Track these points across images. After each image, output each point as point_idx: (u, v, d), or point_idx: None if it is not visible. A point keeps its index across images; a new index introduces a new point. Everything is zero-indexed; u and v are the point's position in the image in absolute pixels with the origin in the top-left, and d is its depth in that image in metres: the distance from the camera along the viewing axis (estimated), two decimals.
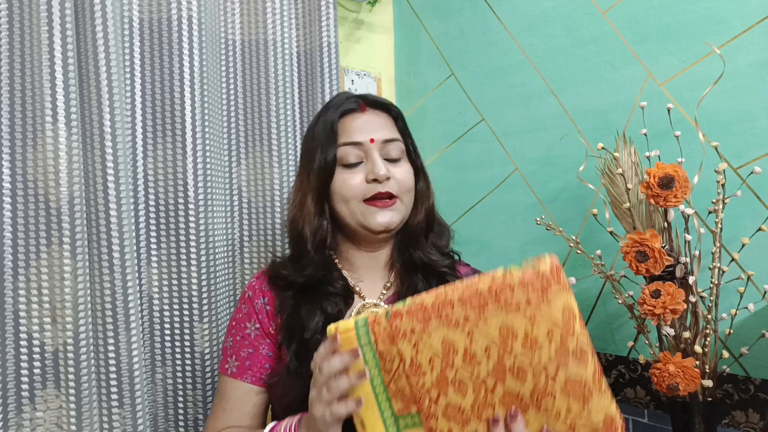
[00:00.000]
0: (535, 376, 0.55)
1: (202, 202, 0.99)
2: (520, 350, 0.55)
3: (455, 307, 0.57)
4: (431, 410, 0.58)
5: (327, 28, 1.17)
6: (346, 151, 0.80)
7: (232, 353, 0.81)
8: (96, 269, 0.86)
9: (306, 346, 0.74)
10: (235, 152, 1.14)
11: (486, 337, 0.56)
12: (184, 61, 0.98)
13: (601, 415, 0.54)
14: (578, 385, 0.54)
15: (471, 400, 0.57)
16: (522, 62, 1.27)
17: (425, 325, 0.58)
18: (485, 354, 0.56)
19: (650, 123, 0.97)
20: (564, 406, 0.55)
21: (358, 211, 0.80)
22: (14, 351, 0.83)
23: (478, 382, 0.57)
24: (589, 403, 0.54)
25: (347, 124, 0.82)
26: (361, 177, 0.80)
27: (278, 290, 0.82)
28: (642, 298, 0.85)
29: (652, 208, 0.90)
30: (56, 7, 0.82)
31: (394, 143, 0.83)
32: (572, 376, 0.54)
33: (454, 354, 0.57)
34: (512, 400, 0.56)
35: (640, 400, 1.10)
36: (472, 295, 0.57)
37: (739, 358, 0.91)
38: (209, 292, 1.00)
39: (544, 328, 0.55)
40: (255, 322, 0.82)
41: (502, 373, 0.56)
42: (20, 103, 0.83)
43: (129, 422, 0.87)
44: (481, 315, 0.56)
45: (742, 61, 0.96)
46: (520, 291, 0.55)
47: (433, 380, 0.58)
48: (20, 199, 0.83)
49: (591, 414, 0.54)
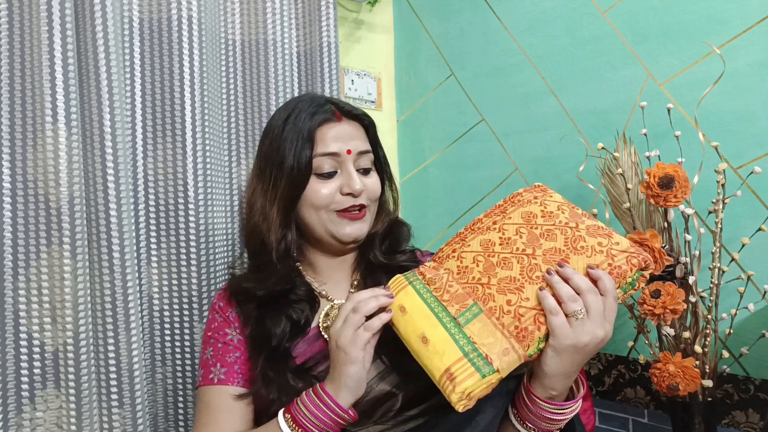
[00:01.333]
0: (562, 232, 0.64)
1: (202, 202, 0.99)
2: (542, 221, 0.66)
3: (483, 220, 0.71)
4: (486, 292, 0.64)
5: (327, 28, 1.17)
6: (322, 161, 0.79)
7: (215, 362, 0.78)
8: (96, 269, 0.86)
9: (275, 354, 0.74)
10: (235, 152, 1.13)
11: (514, 225, 0.68)
12: (184, 61, 0.98)
13: (626, 242, 0.62)
14: (598, 229, 0.64)
15: (518, 269, 0.63)
16: (522, 62, 1.27)
17: (463, 241, 0.70)
18: (517, 234, 0.66)
19: (650, 123, 0.97)
20: (595, 242, 0.62)
21: (328, 220, 0.79)
22: (14, 351, 0.83)
23: (519, 254, 0.64)
24: (612, 236, 0.63)
25: (324, 133, 0.80)
26: (334, 187, 0.79)
27: (241, 304, 0.80)
28: (642, 298, 0.85)
29: (652, 208, 0.90)
30: (56, 7, 0.82)
31: (368, 155, 0.83)
32: (590, 225, 0.64)
33: (492, 245, 0.67)
34: (552, 255, 0.63)
35: (640, 400, 1.10)
36: (494, 208, 0.72)
37: (739, 358, 0.91)
38: (209, 292, 1.00)
39: (554, 206, 0.68)
40: (234, 329, 0.80)
41: (535, 240, 0.65)
42: (20, 103, 0.83)
43: (129, 422, 0.87)
44: (504, 216, 0.69)
45: (742, 61, 0.96)
46: (527, 194, 0.71)
47: (481, 270, 0.66)
48: (20, 199, 0.83)
49: (620, 242, 0.62)
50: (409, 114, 1.53)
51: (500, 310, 0.61)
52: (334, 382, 0.65)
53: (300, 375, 0.74)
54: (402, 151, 1.56)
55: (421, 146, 1.50)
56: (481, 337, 0.60)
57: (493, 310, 0.62)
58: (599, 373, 1.16)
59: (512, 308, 0.61)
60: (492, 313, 0.62)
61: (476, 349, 0.60)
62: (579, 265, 0.61)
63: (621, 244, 0.62)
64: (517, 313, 0.60)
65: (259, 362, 0.74)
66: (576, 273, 0.60)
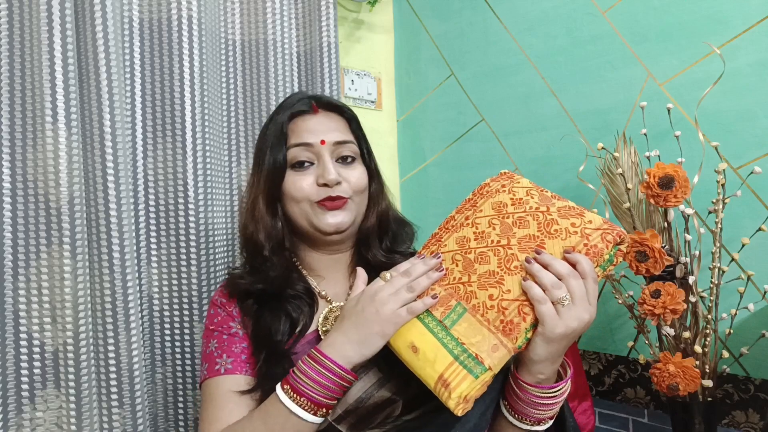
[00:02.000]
0: (534, 217, 0.64)
1: (202, 202, 0.99)
2: (513, 209, 0.66)
3: (456, 217, 0.70)
4: (468, 291, 0.63)
5: (327, 28, 1.17)
6: (297, 153, 0.79)
7: (221, 353, 0.76)
8: (96, 269, 0.86)
9: (276, 351, 0.73)
10: (235, 152, 1.14)
11: (485, 217, 0.67)
12: (184, 61, 0.98)
13: (599, 219, 0.62)
14: (569, 209, 0.64)
15: (496, 261, 0.63)
16: (522, 62, 1.27)
17: (439, 242, 0.69)
18: (490, 227, 0.66)
19: (650, 123, 0.97)
20: (568, 223, 0.62)
21: (309, 211, 0.79)
22: (14, 351, 0.83)
23: (494, 247, 0.64)
24: (584, 215, 0.63)
25: (298, 126, 0.81)
26: (311, 179, 0.78)
27: (240, 300, 0.80)
28: (642, 298, 0.85)
29: (652, 208, 0.90)
30: (56, 7, 0.82)
31: (347, 145, 0.81)
32: (561, 206, 0.64)
33: (468, 242, 0.66)
34: (528, 242, 0.62)
35: (640, 400, 1.10)
36: (464, 204, 0.71)
37: (739, 358, 0.91)
38: (209, 292, 1.00)
39: (523, 192, 0.67)
40: (237, 323, 0.79)
41: (508, 229, 0.64)
42: (20, 103, 0.83)
43: (129, 422, 0.87)
44: (475, 209, 0.69)
45: (742, 61, 0.96)
46: (495, 183, 0.71)
47: (460, 269, 0.65)
48: (20, 199, 0.83)
49: (593, 220, 0.62)
50: (409, 114, 1.53)
51: (483, 306, 0.61)
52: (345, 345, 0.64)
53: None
54: (402, 151, 1.56)
55: (421, 146, 1.50)
56: (468, 336, 0.60)
57: (477, 308, 0.61)
58: (599, 373, 1.16)
59: (495, 302, 0.60)
60: (476, 310, 0.61)
61: (466, 350, 0.59)
62: (555, 250, 0.61)
63: (594, 222, 0.61)
64: (500, 307, 0.60)
65: (260, 359, 0.74)
66: (554, 258, 0.59)
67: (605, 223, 0.61)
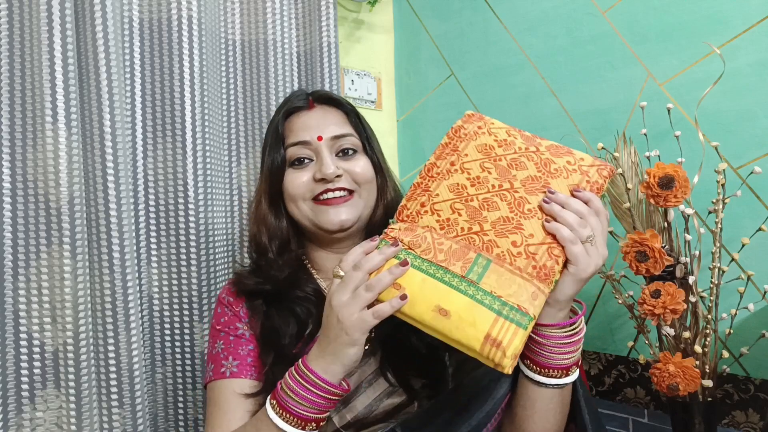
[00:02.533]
0: (528, 158, 0.62)
1: (202, 202, 0.99)
2: (502, 151, 0.64)
3: (438, 164, 0.65)
4: (485, 240, 0.59)
5: (327, 28, 1.17)
6: (295, 151, 0.78)
7: (227, 355, 0.75)
8: (96, 269, 0.86)
9: (284, 353, 0.72)
10: (235, 152, 1.13)
11: (475, 161, 0.64)
12: (184, 61, 0.98)
13: (589, 158, 0.63)
14: (557, 148, 0.64)
15: (506, 207, 0.60)
16: (522, 62, 1.27)
17: (427, 192, 0.64)
18: (484, 171, 0.63)
19: (650, 123, 0.97)
20: (563, 162, 0.62)
21: (308, 210, 0.77)
22: (14, 351, 0.83)
23: (499, 192, 0.61)
24: (573, 152, 0.63)
25: (294, 123, 0.80)
26: (308, 175, 0.77)
27: (248, 299, 0.79)
28: (642, 298, 0.85)
29: (652, 208, 0.90)
30: (56, 7, 0.82)
31: (347, 138, 0.79)
32: (549, 145, 0.64)
33: (464, 189, 0.62)
34: (532, 183, 0.61)
35: (640, 400, 1.10)
36: (442, 149, 0.67)
37: (739, 358, 0.91)
38: (209, 292, 1.00)
39: (503, 133, 0.66)
40: (244, 324, 0.78)
41: (506, 172, 0.62)
42: (20, 103, 0.83)
43: (129, 422, 0.87)
44: (458, 154, 0.65)
45: (742, 61, 0.96)
46: (469, 125, 0.68)
47: (466, 218, 0.61)
48: (20, 199, 0.83)
49: (584, 158, 0.62)
50: (409, 114, 1.53)
51: (509, 254, 0.57)
52: (324, 358, 0.59)
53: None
54: (402, 151, 1.56)
55: (421, 146, 1.50)
56: (503, 288, 0.56)
57: (502, 256, 0.57)
58: (599, 373, 1.16)
59: (521, 249, 0.57)
60: (502, 259, 0.57)
61: (505, 303, 0.55)
62: (561, 188, 0.60)
63: (585, 159, 0.62)
64: (528, 253, 0.57)
65: (268, 362, 0.73)
66: (570, 197, 0.58)
67: (596, 159, 0.62)
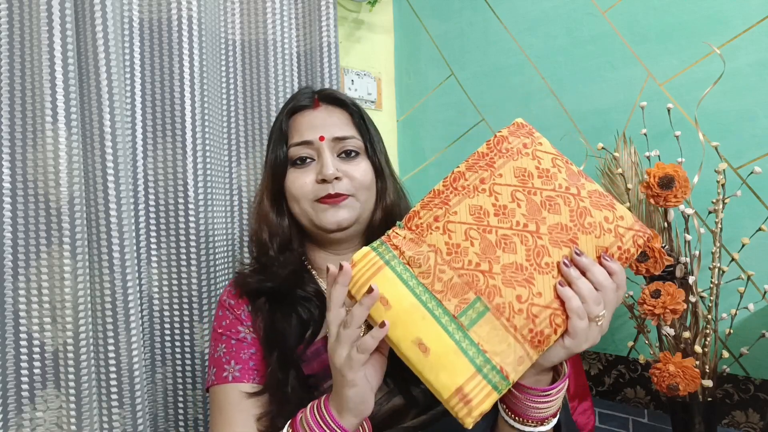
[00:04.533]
0: (566, 201, 0.55)
1: (202, 202, 0.99)
2: (540, 184, 0.56)
3: (467, 176, 0.58)
4: (490, 284, 0.53)
5: (327, 28, 1.17)
6: (297, 150, 0.78)
7: (229, 359, 0.75)
8: (96, 269, 0.86)
9: (288, 355, 0.72)
10: (235, 152, 1.14)
11: (507, 186, 0.56)
12: (184, 61, 0.98)
13: (630, 218, 0.55)
14: (600, 196, 0.56)
15: (523, 253, 0.53)
16: (522, 62, 1.27)
17: (446, 206, 0.57)
18: (514, 201, 0.55)
19: (650, 123, 0.97)
20: (602, 217, 0.55)
21: (309, 209, 0.77)
22: (14, 351, 0.83)
23: (521, 232, 0.54)
24: (615, 207, 0.56)
25: (298, 122, 0.80)
26: (311, 176, 0.77)
27: (251, 299, 0.78)
28: (642, 298, 0.85)
29: (652, 208, 0.90)
30: (56, 7, 0.82)
31: (349, 140, 0.79)
32: (592, 191, 0.56)
33: (486, 216, 0.55)
34: (559, 233, 0.54)
35: (640, 400, 1.10)
36: (477, 159, 0.58)
37: (739, 358, 0.91)
38: (209, 292, 1.00)
39: (548, 160, 0.58)
40: (246, 327, 0.77)
41: (537, 211, 0.55)
42: (20, 103, 0.83)
43: (129, 422, 0.87)
44: (492, 171, 0.57)
45: (742, 61, 0.96)
46: (514, 138, 0.59)
47: (477, 252, 0.54)
48: (20, 199, 0.83)
49: (624, 216, 0.55)
50: (409, 114, 1.53)
51: (510, 308, 0.52)
52: (337, 401, 0.58)
53: (305, 388, 0.71)
54: (402, 151, 1.56)
55: (421, 146, 1.50)
56: (491, 343, 0.51)
57: (502, 309, 0.52)
58: (599, 373, 1.16)
59: (524, 306, 0.52)
60: (500, 312, 0.52)
61: (488, 360, 0.51)
62: (588, 248, 0.53)
63: (626, 220, 0.55)
64: (530, 314, 0.52)
65: (271, 362, 0.72)
66: (594, 264, 0.53)
67: (636, 223, 0.55)
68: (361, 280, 0.54)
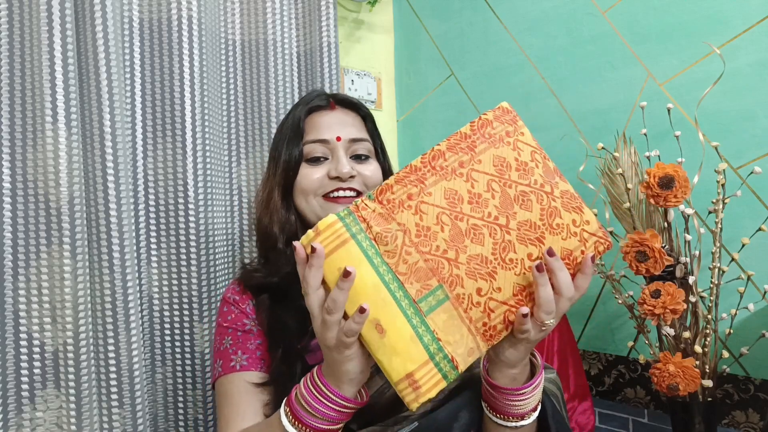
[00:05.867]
0: (538, 200, 0.55)
1: (202, 202, 0.99)
2: (517, 177, 0.56)
3: (447, 156, 0.56)
4: (453, 273, 0.53)
5: (327, 28, 1.17)
6: (312, 148, 0.80)
7: (236, 350, 0.75)
8: (96, 269, 0.86)
9: (292, 347, 0.73)
10: (235, 152, 1.14)
11: (485, 175, 0.55)
12: (184, 61, 0.98)
13: (595, 223, 0.56)
14: (571, 197, 0.56)
15: (490, 246, 0.53)
16: (522, 62, 1.27)
17: (421, 184, 0.55)
18: (489, 191, 0.55)
19: (650, 123, 0.97)
20: (570, 219, 0.55)
21: (317, 205, 0.79)
22: (14, 351, 0.83)
23: (491, 224, 0.54)
24: (582, 212, 0.56)
25: (315, 121, 0.82)
26: (323, 172, 0.79)
27: (255, 294, 0.79)
28: (642, 298, 0.85)
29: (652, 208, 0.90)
30: (56, 7, 0.82)
31: (362, 143, 0.82)
32: (564, 191, 0.56)
33: (461, 202, 0.54)
34: (527, 230, 0.54)
35: (640, 400, 1.10)
36: (459, 139, 0.57)
37: (739, 358, 0.91)
38: (209, 292, 1.00)
39: (527, 153, 0.57)
40: (251, 320, 0.78)
41: (509, 205, 0.55)
42: (20, 103, 0.83)
43: (129, 422, 0.87)
44: (473, 155, 0.56)
45: (742, 61, 0.96)
46: (498, 124, 0.58)
47: (446, 239, 0.53)
48: (20, 199, 0.83)
49: (590, 221, 0.56)
50: (409, 114, 1.53)
51: (469, 299, 0.52)
52: (336, 375, 0.57)
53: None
54: (402, 151, 1.56)
55: (421, 146, 1.50)
56: (446, 332, 0.52)
57: (461, 299, 0.52)
58: (599, 373, 1.16)
59: (483, 299, 0.52)
60: (459, 302, 0.52)
61: (441, 348, 0.51)
62: (554, 248, 0.54)
63: (591, 225, 0.56)
64: (487, 308, 0.52)
65: (277, 356, 0.73)
66: (563, 269, 0.53)
67: (600, 229, 0.56)
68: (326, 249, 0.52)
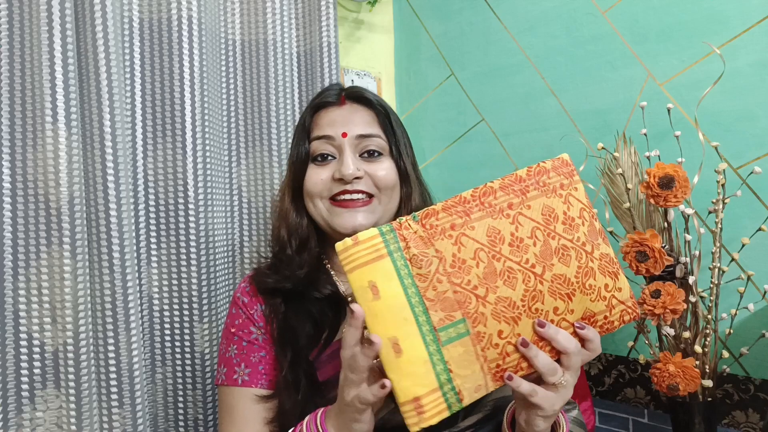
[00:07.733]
0: (578, 257, 0.55)
1: (202, 202, 0.99)
2: (562, 230, 0.56)
3: (498, 195, 0.56)
4: (479, 311, 0.52)
5: (327, 28, 1.17)
6: (318, 146, 0.76)
7: (239, 361, 0.74)
8: (96, 269, 0.86)
9: (299, 356, 0.71)
10: (235, 152, 1.14)
11: (531, 222, 0.55)
12: (184, 61, 0.98)
13: (627, 291, 0.57)
14: (610, 262, 0.57)
15: (521, 291, 0.53)
16: (522, 62, 1.27)
17: (467, 217, 0.55)
18: (531, 238, 0.55)
19: (650, 123, 0.97)
20: (602, 283, 0.56)
21: (323, 209, 0.76)
22: (14, 351, 0.83)
23: (526, 271, 0.54)
24: (618, 278, 0.57)
25: (321, 117, 0.79)
26: (329, 173, 0.75)
27: (266, 297, 0.77)
28: (642, 298, 0.85)
29: (652, 208, 0.90)
30: (56, 7, 0.82)
31: (373, 139, 0.77)
32: (604, 254, 0.56)
33: (501, 242, 0.54)
34: (560, 285, 0.54)
35: (640, 400, 1.10)
36: (513, 181, 0.57)
37: (739, 358, 0.91)
38: (209, 292, 1.00)
39: (576, 209, 0.57)
40: (258, 328, 0.76)
41: (549, 256, 0.55)
42: (20, 103, 0.83)
43: (129, 422, 0.87)
44: (523, 200, 0.56)
45: (742, 61, 0.96)
46: (554, 174, 0.58)
47: (480, 275, 0.53)
48: (20, 199, 0.83)
49: (622, 289, 0.56)
50: (409, 114, 1.53)
51: (488, 339, 0.52)
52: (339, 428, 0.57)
53: (317, 393, 0.70)
54: None
55: (421, 146, 1.50)
56: (459, 365, 0.52)
57: (481, 337, 0.52)
58: (599, 373, 1.16)
59: (502, 342, 0.53)
60: (479, 339, 0.52)
61: (451, 380, 0.51)
62: (579, 307, 0.55)
63: (622, 292, 0.56)
64: (504, 351, 0.53)
65: (284, 365, 0.71)
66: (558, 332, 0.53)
67: (630, 298, 0.57)
68: (360, 260, 0.53)
